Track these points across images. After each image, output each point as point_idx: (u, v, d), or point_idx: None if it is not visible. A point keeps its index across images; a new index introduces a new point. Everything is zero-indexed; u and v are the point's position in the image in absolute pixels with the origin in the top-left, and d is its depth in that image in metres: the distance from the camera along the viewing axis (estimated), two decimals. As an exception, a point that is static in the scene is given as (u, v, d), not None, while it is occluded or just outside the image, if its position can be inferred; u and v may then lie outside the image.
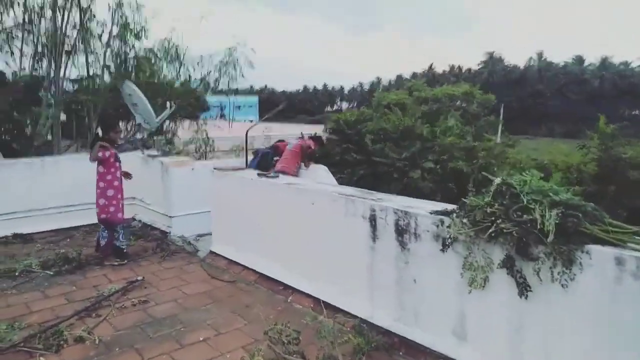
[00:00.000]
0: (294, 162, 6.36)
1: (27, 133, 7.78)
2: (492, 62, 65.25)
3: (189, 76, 11.34)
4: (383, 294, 3.51)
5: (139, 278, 4.64)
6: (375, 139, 9.33)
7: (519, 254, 2.62)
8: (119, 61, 10.39)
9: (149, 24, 10.56)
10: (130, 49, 10.58)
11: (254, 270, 4.74)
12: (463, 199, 2.99)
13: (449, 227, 2.92)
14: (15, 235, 6.13)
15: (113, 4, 9.34)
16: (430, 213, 3.10)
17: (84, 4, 8.59)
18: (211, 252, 5.40)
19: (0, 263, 5.13)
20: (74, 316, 3.82)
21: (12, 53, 8.76)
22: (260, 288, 4.49)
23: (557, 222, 2.43)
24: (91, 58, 9.47)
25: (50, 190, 6.49)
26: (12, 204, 6.24)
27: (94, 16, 8.95)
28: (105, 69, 9.49)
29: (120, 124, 8.63)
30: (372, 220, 3.51)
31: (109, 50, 9.79)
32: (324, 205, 3.94)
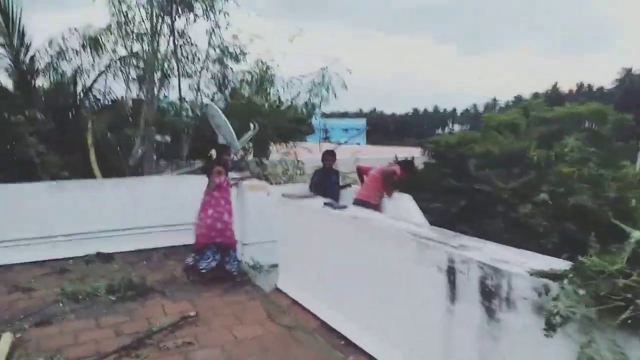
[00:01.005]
0: (375, 189, 5.64)
1: (120, 153, 8.14)
2: (630, 79, 57.72)
3: (279, 98, 11.20)
4: (462, 374, 2.62)
5: (192, 314, 4.23)
6: (479, 165, 8.19)
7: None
8: (217, 84, 10.62)
9: (247, 47, 10.70)
10: (228, 71, 10.78)
11: (315, 316, 4.08)
12: (580, 258, 2.05)
13: (555, 298, 1.99)
14: (98, 254, 6.23)
15: (210, 28, 9.56)
16: (530, 274, 2.18)
17: (180, 27, 8.91)
18: (276, 288, 4.86)
19: (72, 284, 5.12)
20: (111, 354, 3.49)
21: (126, 79, 9.40)
22: (319, 340, 3.80)
23: None
24: (189, 82, 9.78)
25: (133, 210, 6.55)
26: (98, 223, 6.38)
27: (189, 40, 9.25)
28: (198, 91, 9.70)
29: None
30: (451, 274, 2.66)
31: (206, 73, 10.04)
32: (390, 247, 3.18)
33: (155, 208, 6.63)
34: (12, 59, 9.41)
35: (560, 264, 2.22)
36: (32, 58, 10.17)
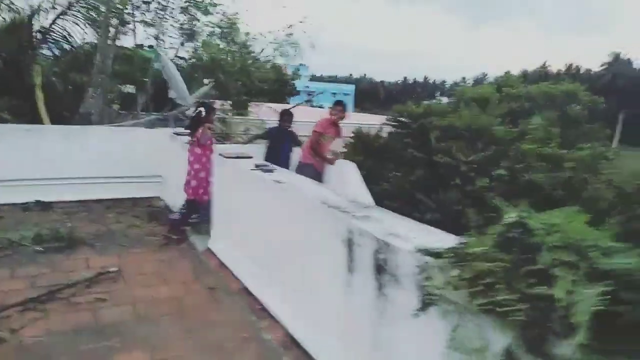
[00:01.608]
0: (308, 150, 5.53)
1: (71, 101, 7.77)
2: (618, 64, 57.56)
3: (251, 55, 10.81)
4: (355, 351, 2.56)
5: (113, 269, 4.11)
6: (442, 137, 8.08)
7: (529, 350, 1.55)
8: (183, 35, 10.18)
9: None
10: (196, 23, 10.31)
11: (238, 279, 4.00)
12: (461, 237, 1.95)
13: (428, 278, 1.90)
14: (38, 202, 6.01)
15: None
16: (417, 250, 2.08)
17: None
18: (207, 249, 4.75)
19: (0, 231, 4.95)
20: (14, 307, 3.37)
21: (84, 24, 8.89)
22: (238, 303, 3.73)
23: (593, 310, 1.34)
24: (153, 31, 9.33)
25: (76, 160, 6.31)
26: (38, 170, 6.13)
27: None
28: (157, 40, 9.25)
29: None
30: (350, 245, 2.56)
31: (172, 22, 9.58)
32: (302, 215, 3.07)
33: (100, 159, 6.41)
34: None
35: (451, 241, 2.12)
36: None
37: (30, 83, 7.36)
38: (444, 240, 2.20)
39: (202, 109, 5.36)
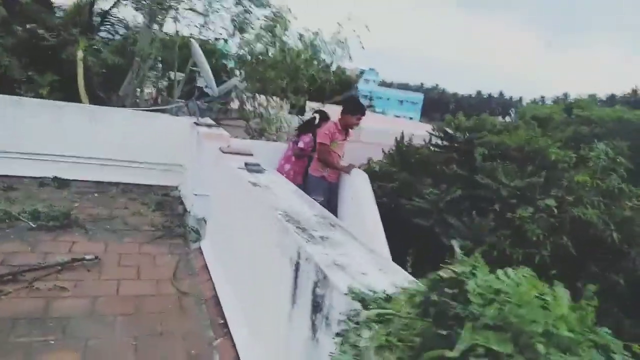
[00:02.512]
0: (316, 160, 5.10)
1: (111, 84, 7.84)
2: None
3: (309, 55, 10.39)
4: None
5: (89, 257, 3.89)
6: (489, 156, 7.31)
7: None
8: (236, 26, 10.04)
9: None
10: (250, 15, 10.15)
11: (213, 286, 3.63)
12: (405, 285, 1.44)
13: (342, 333, 1.41)
14: (55, 179, 6.02)
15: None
16: (349, 292, 1.59)
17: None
18: (198, 248, 4.44)
19: (5, 204, 4.92)
20: (-32, 284, 3.21)
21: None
22: (202, 313, 3.36)
23: None
24: (204, 19, 9.26)
25: (97, 140, 6.27)
26: (60, 146, 6.15)
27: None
28: (201, 29, 9.13)
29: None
30: (296, 270, 2.10)
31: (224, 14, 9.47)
32: (264, 224, 2.63)
33: (121, 142, 6.34)
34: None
35: (402, 284, 1.61)
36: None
37: (73, 60, 7.46)
38: (400, 281, 1.69)
39: (317, 115, 5.27)
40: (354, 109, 5.40)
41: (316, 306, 1.84)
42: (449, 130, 7.95)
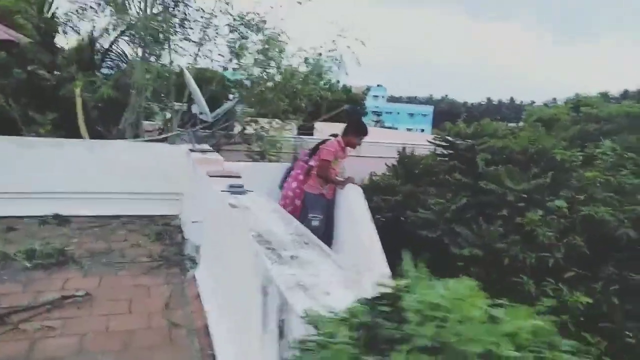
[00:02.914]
0: (315, 177, 4.99)
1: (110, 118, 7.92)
2: None
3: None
4: None
5: (79, 293, 3.82)
6: (493, 161, 7.14)
7: None
8: (232, 52, 10.15)
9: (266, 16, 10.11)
10: (246, 42, 10.25)
11: (205, 315, 3.52)
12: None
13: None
14: (56, 216, 6.03)
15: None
16: (305, 316, 1.46)
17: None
18: (193, 276, 4.34)
19: (4, 245, 4.92)
20: (-45, 329, 3.15)
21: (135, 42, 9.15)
22: (194, 345, 3.24)
23: None
24: (200, 49, 9.37)
25: (96, 174, 6.28)
26: (59, 183, 6.17)
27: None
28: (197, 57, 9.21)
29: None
30: (264, 295, 1.98)
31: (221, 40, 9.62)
32: (242, 248, 2.53)
33: (120, 174, 6.34)
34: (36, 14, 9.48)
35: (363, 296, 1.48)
36: (54, 15, 10.20)
37: (71, 97, 7.56)
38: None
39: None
40: (358, 130, 5.30)
41: (281, 332, 1.72)
42: (450, 138, 7.81)
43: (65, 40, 10.53)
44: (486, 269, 5.85)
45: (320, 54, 10.55)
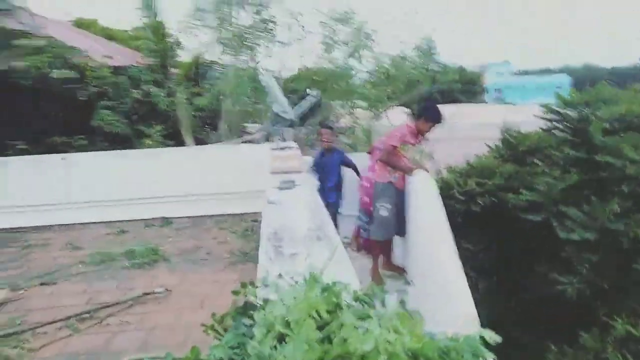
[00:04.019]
0: (380, 164, 4.65)
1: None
2: None
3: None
4: None
5: (158, 290, 4.09)
6: (609, 130, 6.09)
7: None
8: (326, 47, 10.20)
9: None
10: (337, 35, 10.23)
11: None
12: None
13: None
14: (158, 219, 6.62)
15: None
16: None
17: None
18: (264, 272, 4.39)
19: (114, 245, 5.52)
20: (51, 324, 3.57)
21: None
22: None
23: None
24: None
25: (193, 178, 6.75)
26: (161, 187, 6.76)
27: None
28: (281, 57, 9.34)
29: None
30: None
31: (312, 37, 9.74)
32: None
33: (212, 176, 6.73)
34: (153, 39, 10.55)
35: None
36: (165, 36, 11.22)
37: (175, 109, 8.24)
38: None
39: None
40: (430, 116, 4.78)
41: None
42: (559, 110, 6.82)
43: (175, 58, 11.53)
44: (602, 255, 4.99)
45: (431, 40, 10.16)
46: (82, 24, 16.58)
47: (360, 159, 6.56)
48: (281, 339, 1.03)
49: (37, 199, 6.59)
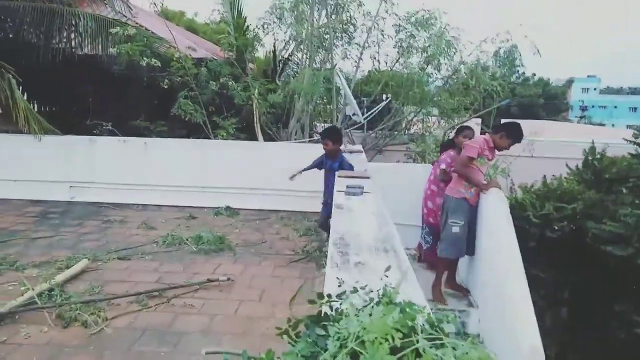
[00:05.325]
0: (455, 178, 4.50)
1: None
2: None
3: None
4: None
5: (222, 278, 4.24)
6: None
7: None
8: (400, 51, 10.07)
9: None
10: (414, 40, 10.07)
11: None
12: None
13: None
14: (227, 208, 6.86)
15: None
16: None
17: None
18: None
19: (184, 230, 5.81)
20: (126, 296, 3.82)
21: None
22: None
23: None
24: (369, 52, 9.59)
25: (259, 172, 6.93)
26: (230, 179, 7.00)
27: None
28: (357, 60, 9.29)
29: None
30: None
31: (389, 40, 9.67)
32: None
33: (279, 172, 6.85)
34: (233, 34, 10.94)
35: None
36: (245, 32, 11.59)
37: (250, 104, 8.50)
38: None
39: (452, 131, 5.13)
40: (514, 134, 4.53)
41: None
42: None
43: (253, 54, 11.88)
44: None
45: (515, 46, 9.77)
46: (167, 15, 17.55)
47: (418, 169, 6.43)
48: (354, 356, 1.04)
49: (119, 177, 7.07)
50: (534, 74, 33.76)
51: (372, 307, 1.15)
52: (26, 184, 7.08)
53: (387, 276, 1.63)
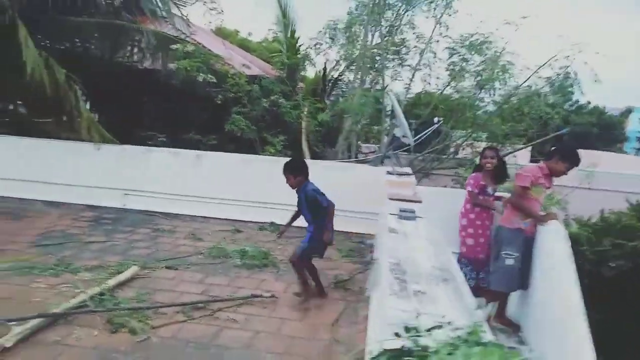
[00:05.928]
0: (510, 208, 4.32)
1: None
2: None
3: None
4: None
5: (266, 295, 4.24)
6: None
7: None
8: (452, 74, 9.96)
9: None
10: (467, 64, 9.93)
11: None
12: None
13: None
14: (272, 224, 6.89)
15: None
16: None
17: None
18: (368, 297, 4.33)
19: (230, 243, 5.89)
20: (172, 306, 3.88)
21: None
22: (347, 365, 3.21)
23: None
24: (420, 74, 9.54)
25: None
26: (275, 195, 7.01)
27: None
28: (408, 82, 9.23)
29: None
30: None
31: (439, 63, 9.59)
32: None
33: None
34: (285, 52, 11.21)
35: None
36: (297, 51, 11.82)
37: (298, 122, 8.61)
38: None
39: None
40: (569, 158, 4.35)
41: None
42: None
43: (303, 72, 12.08)
44: None
45: (558, 74, 9.44)
46: (223, 34, 18.20)
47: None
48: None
49: (170, 187, 7.28)
50: (589, 102, 32.45)
51: (460, 346, 1.09)
52: (83, 189, 7.41)
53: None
